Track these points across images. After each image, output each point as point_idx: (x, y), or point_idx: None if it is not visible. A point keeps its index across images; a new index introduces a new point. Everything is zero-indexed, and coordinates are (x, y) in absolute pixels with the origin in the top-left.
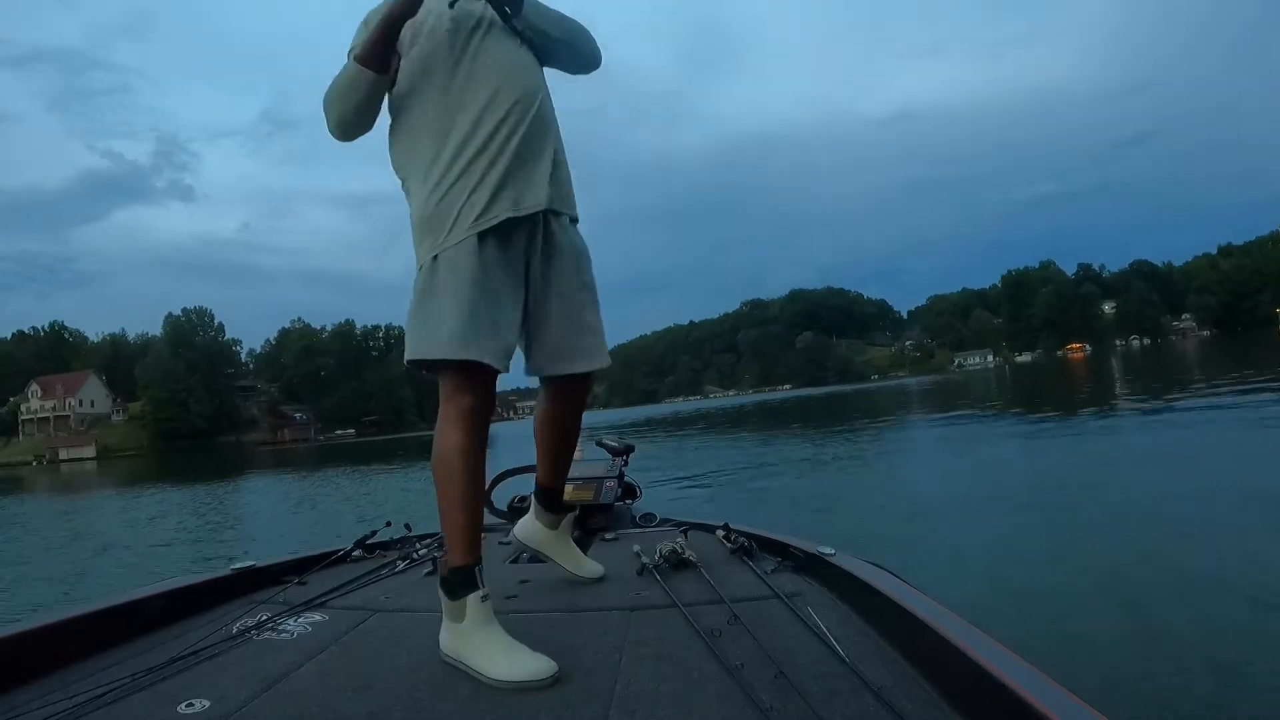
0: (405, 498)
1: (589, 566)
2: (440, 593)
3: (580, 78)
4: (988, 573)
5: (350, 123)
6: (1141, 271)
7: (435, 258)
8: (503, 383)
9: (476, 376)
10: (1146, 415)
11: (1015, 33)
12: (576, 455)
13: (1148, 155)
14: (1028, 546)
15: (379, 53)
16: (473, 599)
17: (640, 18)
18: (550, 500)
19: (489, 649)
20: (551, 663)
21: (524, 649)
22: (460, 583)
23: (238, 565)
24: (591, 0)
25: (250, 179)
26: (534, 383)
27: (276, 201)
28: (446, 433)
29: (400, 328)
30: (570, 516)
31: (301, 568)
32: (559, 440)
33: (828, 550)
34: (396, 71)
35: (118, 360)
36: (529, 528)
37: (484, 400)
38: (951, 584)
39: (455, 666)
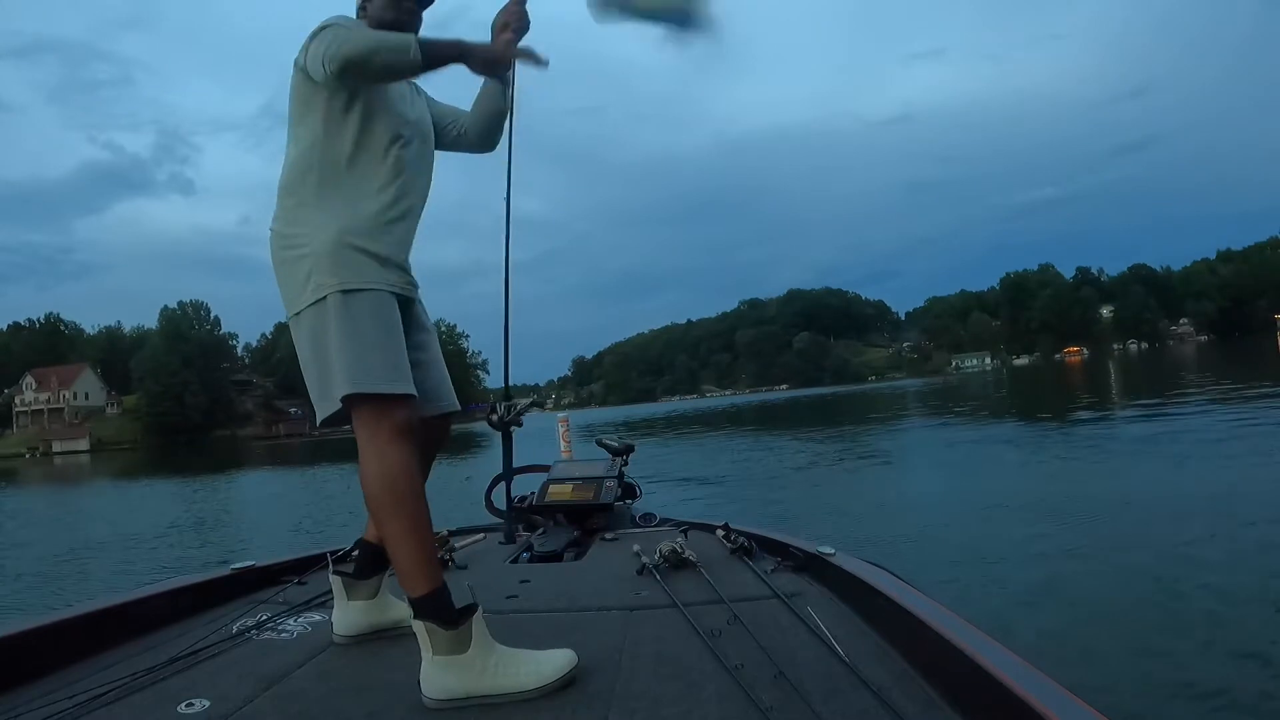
0: None
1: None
2: (423, 630)
3: (583, 77)
4: (987, 573)
5: (359, 75)
6: (1140, 276)
7: (360, 291)
8: None
9: (410, 401)
10: (1145, 418)
11: (1017, 36)
12: (565, 454)
13: (1147, 160)
14: (1027, 547)
15: (433, 65)
16: (477, 619)
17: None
18: (375, 562)
19: (511, 666)
20: (570, 650)
21: (537, 652)
22: (448, 608)
23: (237, 565)
24: None
25: (251, 173)
26: (529, 380)
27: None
28: (387, 452)
29: None
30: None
31: (301, 568)
32: None
33: (828, 550)
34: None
35: (113, 353)
36: (351, 619)
37: (414, 420)
38: (951, 584)
39: (461, 707)
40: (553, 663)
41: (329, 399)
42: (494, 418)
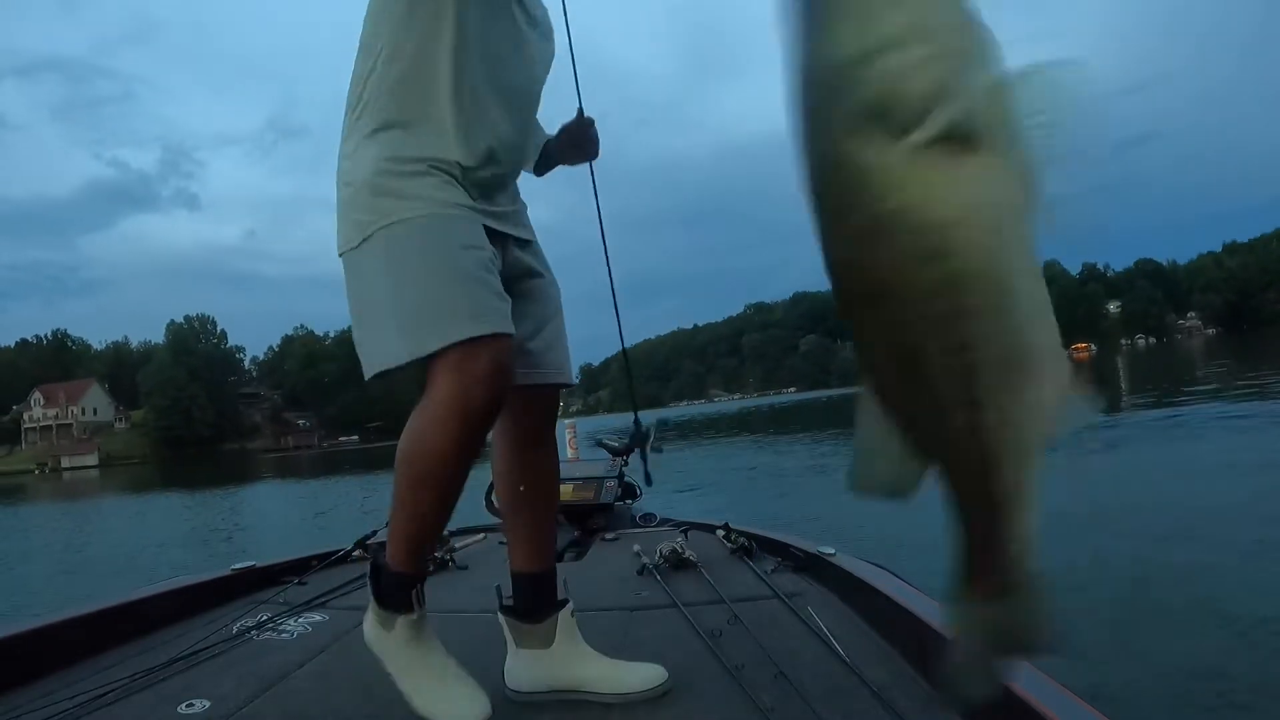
0: None
1: (639, 674)
2: (369, 584)
3: (581, 84)
4: None
5: None
6: (1146, 270)
7: (411, 220)
8: None
9: (494, 346)
10: (1148, 415)
11: (1017, 34)
12: (571, 456)
13: (1151, 154)
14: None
15: None
16: (403, 622)
17: (643, 22)
18: (538, 596)
19: (418, 675)
20: (486, 704)
21: (460, 680)
22: (395, 594)
23: (238, 565)
24: (594, 4)
25: (255, 187)
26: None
27: (281, 209)
28: (437, 427)
29: None
30: (569, 610)
31: (301, 568)
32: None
33: (828, 550)
34: None
35: (120, 368)
36: (520, 671)
37: (506, 374)
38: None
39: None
40: (458, 709)
41: (376, 359)
42: None
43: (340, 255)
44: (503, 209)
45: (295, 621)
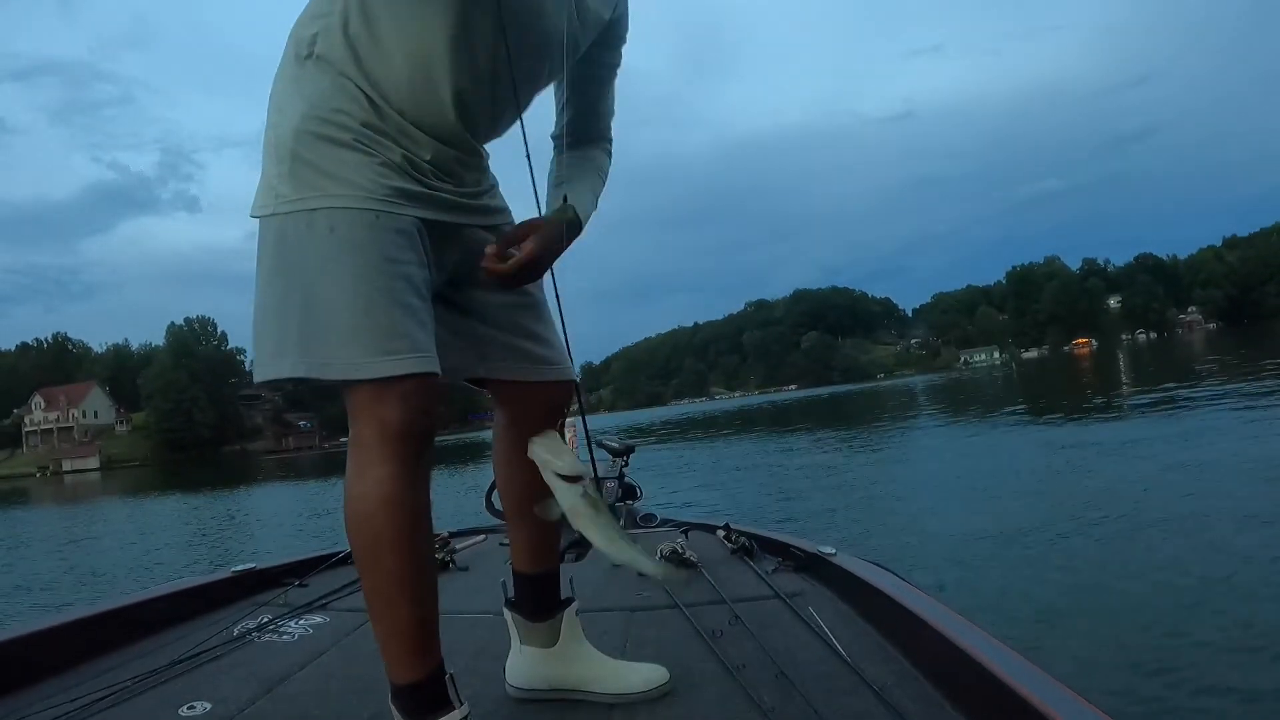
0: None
1: (640, 674)
2: (393, 710)
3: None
4: (988, 572)
5: None
6: (1146, 265)
7: (327, 211)
8: None
9: (409, 382)
10: (1153, 412)
11: (1015, 29)
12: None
13: (1151, 149)
14: (1029, 546)
15: None
16: None
17: (638, 20)
18: (540, 596)
19: None
20: None
21: None
22: (423, 704)
23: (239, 567)
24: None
25: (256, 188)
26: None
27: None
28: (367, 471)
29: None
30: (573, 609)
31: (302, 570)
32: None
33: (828, 550)
34: None
35: (121, 371)
36: (521, 668)
37: (427, 416)
38: (952, 583)
39: None
40: None
41: (272, 360)
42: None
43: (253, 217)
44: (469, 197)
45: (296, 623)
